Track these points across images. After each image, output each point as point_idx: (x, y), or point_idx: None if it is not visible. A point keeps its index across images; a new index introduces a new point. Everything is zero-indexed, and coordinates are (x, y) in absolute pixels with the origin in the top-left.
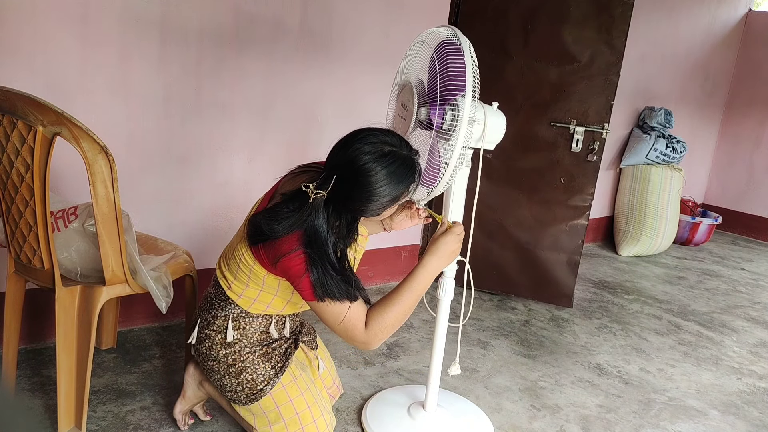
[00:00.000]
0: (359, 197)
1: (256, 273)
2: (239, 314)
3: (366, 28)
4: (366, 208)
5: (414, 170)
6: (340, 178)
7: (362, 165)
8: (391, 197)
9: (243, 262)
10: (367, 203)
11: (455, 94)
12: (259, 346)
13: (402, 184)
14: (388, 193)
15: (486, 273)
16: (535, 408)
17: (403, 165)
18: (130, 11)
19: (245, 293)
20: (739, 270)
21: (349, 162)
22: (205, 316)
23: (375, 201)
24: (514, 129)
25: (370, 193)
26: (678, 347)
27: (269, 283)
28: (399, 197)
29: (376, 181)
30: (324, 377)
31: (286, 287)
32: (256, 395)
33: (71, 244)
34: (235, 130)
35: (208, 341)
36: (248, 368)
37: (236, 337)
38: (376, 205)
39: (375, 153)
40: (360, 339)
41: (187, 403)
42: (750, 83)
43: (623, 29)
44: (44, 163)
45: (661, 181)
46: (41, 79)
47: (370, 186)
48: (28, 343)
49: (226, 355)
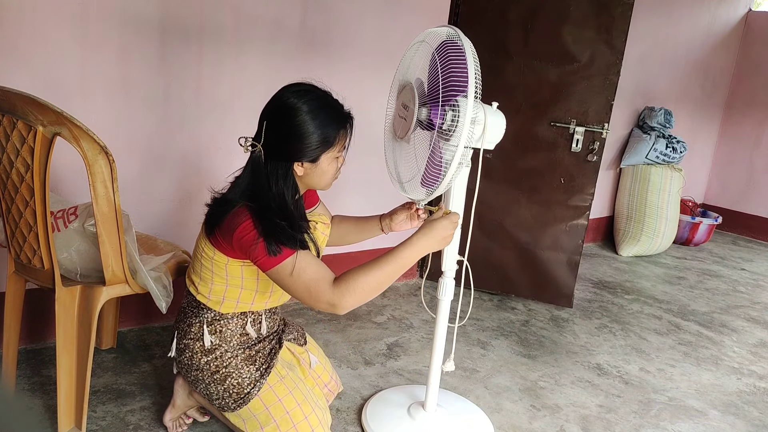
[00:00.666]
0: (289, 137)
1: (218, 264)
2: (213, 317)
3: (366, 28)
4: (299, 150)
5: (341, 113)
6: (269, 124)
7: (285, 102)
8: (322, 137)
9: (204, 257)
10: (298, 143)
11: (457, 95)
12: (240, 349)
13: (330, 124)
14: (315, 130)
15: (486, 273)
16: (535, 408)
17: (327, 105)
18: (130, 11)
19: (213, 291)
20: (739, 270)
21: (274, 106)
22: (181, 327)
23: (305, 139)
24: (514, 129)
25: (297, 131)
26: (678, 347)
27: (232, 272)
28: (332, 140)
29: (301, 118)
30: (319, 373)
31: (250, 274)
32: (243, 399)
33: (71, 244)
34: (235, 130)
35: (188, 351)
36: (233, 373)
37: (214, 342)
38: (309, 145)
39: (297, 92)
40: (326, 297)
41: (177, 411)
42: (750, 83)
43: (623, 29)
44: (44, 163)
45: (661, 181)
46: (41, 79)
47: (296, 122)
48: (28, 343)
49: (208, 363)
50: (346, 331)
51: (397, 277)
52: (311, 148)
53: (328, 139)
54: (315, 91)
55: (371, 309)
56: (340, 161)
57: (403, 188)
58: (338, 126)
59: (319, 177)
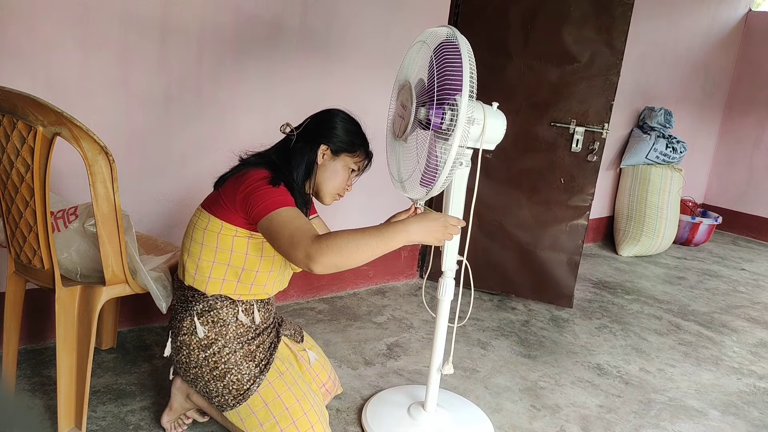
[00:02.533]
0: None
1: (210, 233)
2: (203, 309)
3: (366, 28)
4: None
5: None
6: (311, 120)
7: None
8: (348, 140)
9: (197, 228)
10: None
11: (454, 94)
12: (239, 344)
13: (356, 139)
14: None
15: (486, 273)
16: (535, 408)
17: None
18: (130, 11)
19: (199, 268)
20: (739, 270)
21: (321, 112)
22: (174, 325)
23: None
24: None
25: (331, 123)
26: (678, 347)
27: (223, 243)
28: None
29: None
30: (318, 371)
31: (239, 247)
32: (243, 395)
33: (71, 244)
34: (235, 130)
35: (184, 348)
36: (232, 369)
37: (209, 335)
38: (337, 135)
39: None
40: (305, 247)
41: (174, 414)
42: (750, 83)
43: (623, 29)
44: (44, 163)
45: (661, 181)
46: (41, 79)
47: (333, 119)
48: (28, 343)
49: (207, 358)
50: (346, 331)
51: (379, 253)
52: (338, 140)
53: (354, 144)
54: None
55: (371, 309)
56: (351, 177)
57: (403, 187)
58: (362, 145)
59: (330, 177)
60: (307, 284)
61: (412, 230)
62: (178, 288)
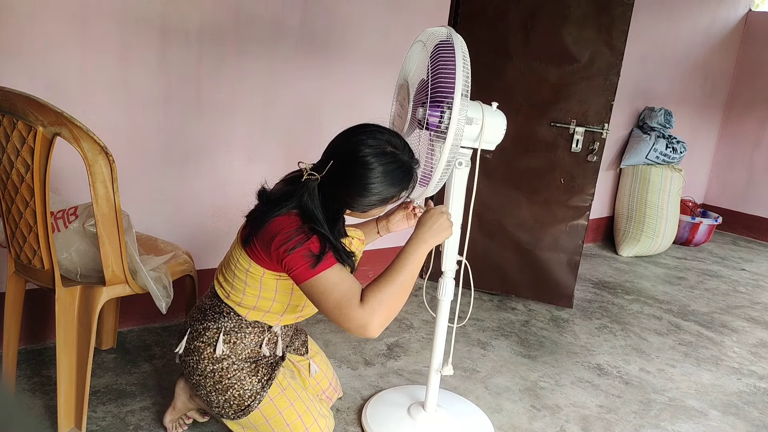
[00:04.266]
0: (351, 188)
1: (253, 276)
2: (232, 328)
3: (366, 28)
4: (355, 201)
5: (410, 177)
6: (337, 165)
7: (361, 156)
8: (382, 197)
9: (239, 268)
10: (358, 197)
11: (450, 94)
12: (246, 363)
13: (395, 187)
14: (380, 191)
15: (486, 273)
16: (535, 408)
17: (400, 168)
18: (130, 11)
19: (244, 300)
20: (739, 270)
21: (349, 151)
22: (196, 327)
23: (366, 196)
24: (514, 129)
25: (362, 187)
26: (678, 347)
27: (267, 285)
28: (389, 199)
29: (372, 177)
30: (319, 379)
31: (284, 288)
32: (244, 411)
33: (71, 245)
34: (235, 130)
35: (196, 354)
36: (235, 385)
37: (225, 353)
38: (366, 201)
39: (377, 149)
40: (356, 317)
41: (177, 413)
42: (750, 83)
43: (623, 30)
44: (44, 163)
45: (661, 182)
46: (41, 79)
47: (365, 180)
48: (28, 343)
49: (213, 371)
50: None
51: (415, 278)
52: (369, 204)
53: (388, 199)
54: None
55: None
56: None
57: None
58: (403, 186)
59: (362, 217)
60: None
61: (425, 240)
62: (214, 296)
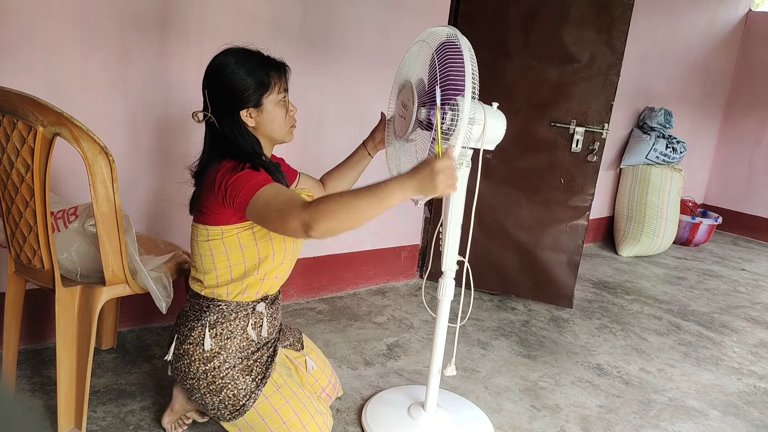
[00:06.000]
0: (227, 90)
1: (215, 242)
2: (216, 320)
3: (366, 28)
4: (237, 96)
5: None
6: (209, 90)
7: (213, 64)
8: (255, 81)
9: (200, 245)
10: (236, 91)
11: (455, 95)
12: (238, 359)
13: (259, 69)
14: (247, 76)
15: (486, 273)
16: (535, 408)
17: (251, 54)
18: (131, 11)
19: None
20: (739, 270)
21: (207, 72)
22: (181, 330)
23: (240, 86)
24: (514, 129)
25: (231, 81)
26: (678, 347)
27: (231, 245)
28: (266, 82)
29: (231, 69)
30: (317, 377)
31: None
32: (239, 411)
33: (71, 245)
34: None
35: (186, 358)
36: (228, 384)
37: (214, 348)
38: (245, 89)
39: (222, 52)
40: (298, 216)
41: (175, 415)
42: (750, 83)
43: (623, 29)
44: (44, 163)
45: (661, 182)
46: (41, 79)
47: (227, 74)
48: (28, 343)
49: (206, 372)
50: (346, 332)
51: (375, 214)
52: (249, 92)
53: (263, 81)
54: (236, 47)
55: (371, 309)
56: (288, 106)
57: None
58: (268, 69)
59: (271, 123)
60: (307, 284)
61: (408, 189)
62: (193, 296)
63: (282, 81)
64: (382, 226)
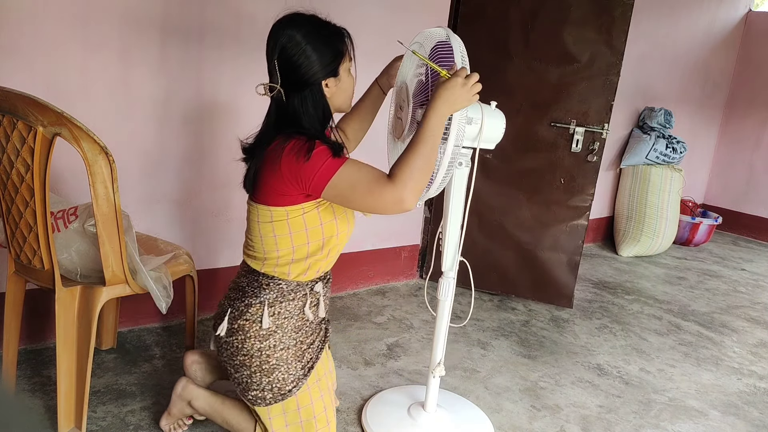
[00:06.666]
0: (305, 62)
1: (279, 223)
2: (275, 299)
3: (366, 28)
4: (318, 67)
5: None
6: (282, 63)
7: (284, 37)
8: (332, 51)
9: (263, 225)
10: (316, 62)
11: None
12: (293, 340)
13: (332, 39)
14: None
15: (486, 273)
16: (535, 408)
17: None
18: (131, 12)
19: (281, 258)
20: (739, 270)
21: (277, 46)
22: (237, 306)
23: (321, 57)
24: (514, 129)
25: (310, 53)
26: (678, 347)
27: (295, 225)
28: (342, 50)
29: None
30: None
31: (312, 221)
32: (283, 396)
33: (71, 245)
34: (235, 130)
35: (240, 333)
36: (281, 367)
37: (272, 327)
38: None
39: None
40: (390, 193)
41: (172, 419)
42: (750, 84)
43: (623, 30)
44: (44, 163)
45: (661, 182)
46: (41, 79)
47: (304, 47)
48: (28, 343)
49: (261, 350)
50: (347, 332)
51: (436, 150)
52: (328, 61)
53: (338, 49)
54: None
55: (371, 309)
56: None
57: None
58: (339, 37)
59: (343, 93)
60: None
61: (443, 111)
62: (250, 272)
63: (351, 48)
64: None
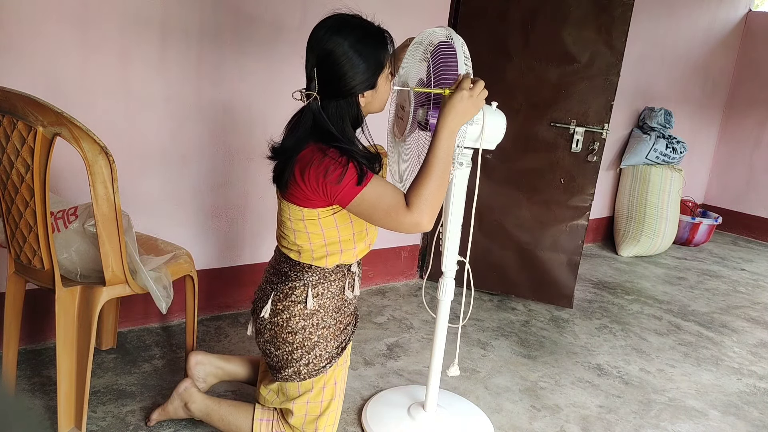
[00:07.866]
0: (345, 74)
1: (311, 222)
2: (318, 281)
3: None
4: (358, 80)
5: (380, 34)
6: (321, 72)
7: (328, 45)
8: (374, 62)
9: (294, 221)
10: (356, 75)
11: None
12: (333, 319)
13: (376, 49)
14: (367, 59)
15: (486, 273)
16: (535, 408)
17: (366, 32)
18: (131, 12)
19: (315, 251)
20: (739, 270)
21: (320, 52)
22: (281, 288)
23: (361, 70)
24: (514, 129)
25: (351, 65)
26: (678, 348)
27: (327, 225)
28: (382, 61)
29: (350, 53)
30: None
31: (342, 220)
32: (317, 371)
33: (71, 245)
34: (235, 130)
35: (285, 313)
36: (321, 344)
37: (315, 306)
38: (366, 73)
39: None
40: (407, 220)
41: (165, 415)
42: (750, 84)
43: (623, 30)
44: (44, 163)
45: (661, 182)
46: (41, 79)
47: (346, 59)
48: (28, 343)
49: (305, 327)
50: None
51: (450, 165)
52: (369, 75)
53: (380, 61)
54: (349, 22)
55: (371, 309)
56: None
57: (404, 186)
58: (382, 46)
59: (379, 100)
60: None
61: (453, 127)
62: (288, 260)
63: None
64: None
